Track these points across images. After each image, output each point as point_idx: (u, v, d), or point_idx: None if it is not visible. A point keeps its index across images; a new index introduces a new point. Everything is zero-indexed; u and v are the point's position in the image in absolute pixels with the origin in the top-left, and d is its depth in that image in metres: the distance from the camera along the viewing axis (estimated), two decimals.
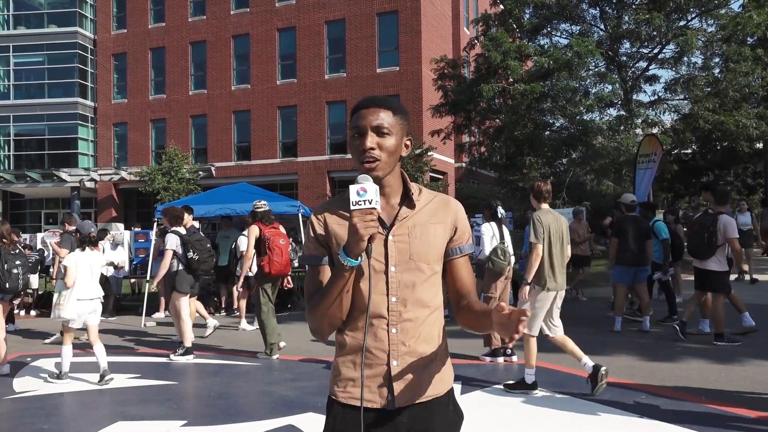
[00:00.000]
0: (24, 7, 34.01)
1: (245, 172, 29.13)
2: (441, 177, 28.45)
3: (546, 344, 7.38)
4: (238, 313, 10.89)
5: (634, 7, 18.03)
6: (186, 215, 8.33)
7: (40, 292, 12.86)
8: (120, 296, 12.67)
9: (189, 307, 7.50)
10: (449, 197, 1.83)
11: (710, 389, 5.25)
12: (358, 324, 1.70)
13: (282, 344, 7.25)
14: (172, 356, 7.14)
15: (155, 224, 11.30)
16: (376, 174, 1.67)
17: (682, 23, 18.17)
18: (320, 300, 1.67)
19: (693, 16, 18.40)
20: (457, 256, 1.79)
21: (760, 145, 20.45)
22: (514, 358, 6.65)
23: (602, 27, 19.22)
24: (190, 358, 7.02)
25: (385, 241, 1.70)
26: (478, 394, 5.30)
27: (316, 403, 5.08)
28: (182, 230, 7.40)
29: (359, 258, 1.59)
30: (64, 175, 31.62)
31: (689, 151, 22.75)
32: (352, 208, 1.55)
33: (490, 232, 7.04)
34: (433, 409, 1.72)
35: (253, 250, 7.23)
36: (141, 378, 6.27)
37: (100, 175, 31.94)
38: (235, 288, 11.06)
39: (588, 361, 5.17)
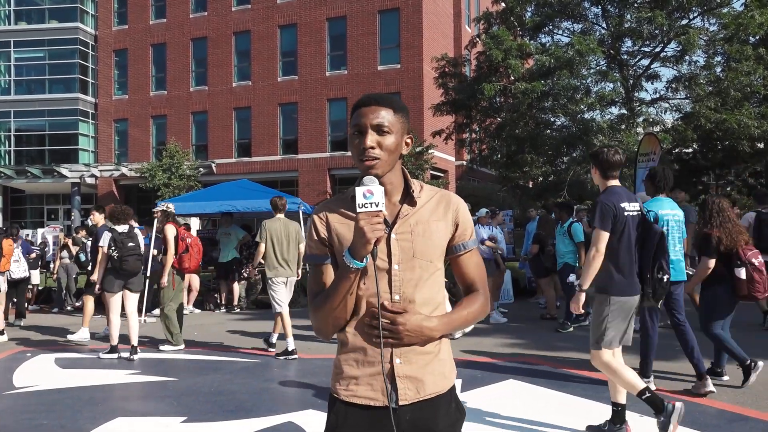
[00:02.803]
0: (25, 3, 33.97)
1: (246, 169, 29.11)
2: (442, 175, 28.44)
3: (554, 343, 7.36)
4: (237, 309, 10.97)
5: (636, 5, 17.97)
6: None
7: (40, 288, 12.86)
8: None
9: (132, 305, 7.23)
10: (450, 193, 1.83)
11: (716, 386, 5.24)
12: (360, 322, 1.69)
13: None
14: (100, 354, 6.90)
15: (155, 220, 11.30)
16: (375, 172, 1.66)
17: (684, 22, 18.12)
18: (325, 301, 1.66)
19: (695, 15, 18.35)
20: (462, 253, 1.78)
21: (761, 145, 20.36)
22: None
23: (604, 25, 19.17)
24: (114, 357, 6.80)
25: (388, 239, 1.69)
26: (480, 390, 5.30)
27: (316, 401, 5.08)
28: (123, 228, 7.10)
29: (364, 260, 1.58)
30: (64, 171, 31.58)
31: (690, 150, 22.69)
32: (358, 210, 1.54)
33: None
34: (436, 407, 1.71)
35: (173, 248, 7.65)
36: (140, 374, 6.27)
37: (101, 171, 31.92)
38: (236, 283, 11.15)
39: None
